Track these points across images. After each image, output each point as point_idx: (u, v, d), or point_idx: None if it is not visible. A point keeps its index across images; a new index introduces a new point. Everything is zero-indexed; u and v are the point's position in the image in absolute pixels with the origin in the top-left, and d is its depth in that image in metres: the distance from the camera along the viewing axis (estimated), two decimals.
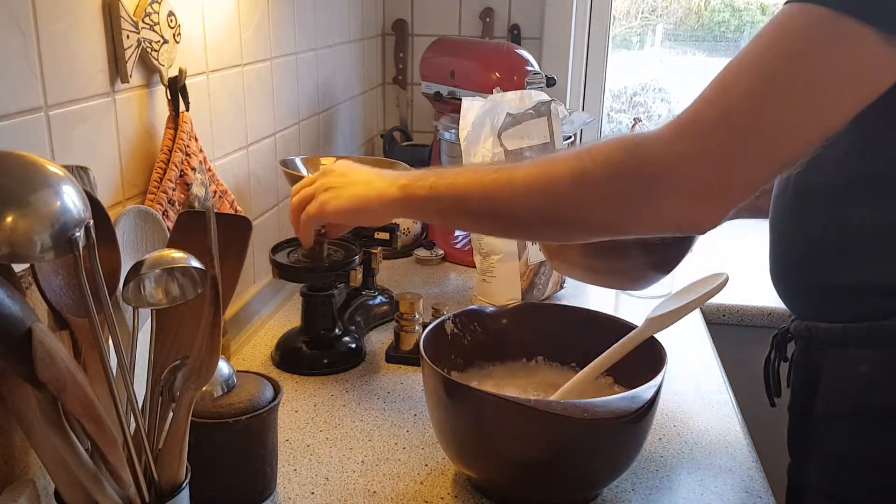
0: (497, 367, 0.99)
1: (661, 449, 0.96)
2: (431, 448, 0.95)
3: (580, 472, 0.82)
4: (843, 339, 0.82)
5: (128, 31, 0.87)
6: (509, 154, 1.27)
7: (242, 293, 1.26)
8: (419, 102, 1.96)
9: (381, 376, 1.13)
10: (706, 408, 1.06)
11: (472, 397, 0.80)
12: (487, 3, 1.91)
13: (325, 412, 1.03)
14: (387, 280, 1.45)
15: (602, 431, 0.78)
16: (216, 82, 1.13)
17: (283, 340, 1.18)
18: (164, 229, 0.86)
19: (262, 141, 1.30)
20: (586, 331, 0.97)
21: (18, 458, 0.68)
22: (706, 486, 0.89)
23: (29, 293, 0.63)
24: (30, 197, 0.51)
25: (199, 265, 0.61)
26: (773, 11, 2.06)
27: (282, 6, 1.33)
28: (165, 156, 0.95)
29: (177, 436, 0.63)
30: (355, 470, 0.91)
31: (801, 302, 0.89)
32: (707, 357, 1.21)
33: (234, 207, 1.11)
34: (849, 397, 0.83)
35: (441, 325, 0.94)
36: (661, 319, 0.89)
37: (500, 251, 1.30)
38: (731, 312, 1.44)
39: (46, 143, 0.78)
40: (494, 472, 0.84)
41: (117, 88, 0.89)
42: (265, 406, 0.82)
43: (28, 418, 0.56)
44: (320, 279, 1.13)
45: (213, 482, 0.79)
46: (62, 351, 0.55)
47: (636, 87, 2.21)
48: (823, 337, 0.85)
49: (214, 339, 0.60)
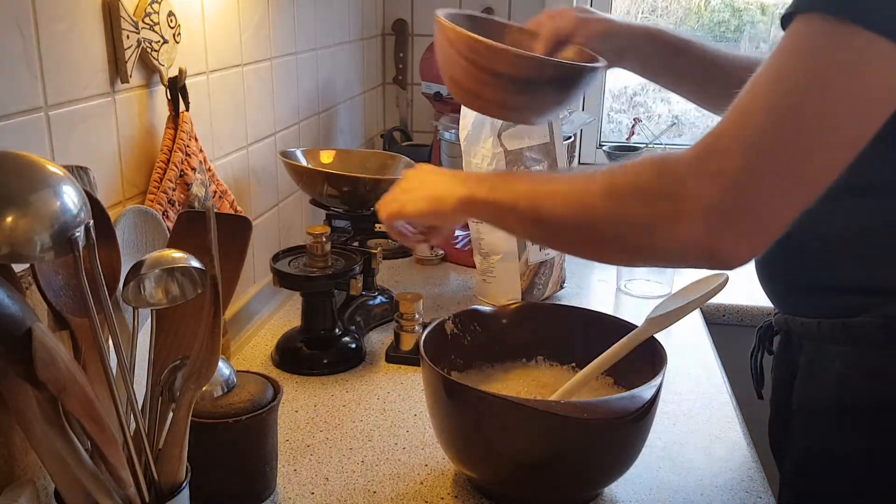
0: (497, 367, 0.99)
1: (661, 449, 0.96)
2: (431, 448, 0.95)
3: (580, 472, 0.82)
4: (818, 334, 0.83)
5: (128, 31, 0.87)
6: (509, 154, 1.27)
7: (242, 293, 1.26)
8: (419, 102, 1.96)
9: (381, 376, 1.13)
10: (706, 408, 1.06)
11: (472, 397, 0.80)
12: (487, 3, 1.91)
13: (325, 412, 1.03)
14: (387, 280, 1.45)
15: (602, 431, 0.78)
16: (216, 82, 1.13)
17: (283, 340, 1.18)
18: (164, 229, 0.86)
19: (262, 141, 1.31)
20: (586, 331, 0.97)
21: (18, 458, 0.68)
22: (706, 485, 0.89)
23: (29, 293, 0.63)
24: (30, 197, 0.51)
25: (199, 265, 0.61)
26: (773, 11, 2.07)
27: (282, 6, 1.33)
28: (165, 156, 0.95)
29: (177, 436, 0.63)
30: (355, 470, 0.91)
31: (782, 296, 0.90)
32: (707, 357, 1.21)
33: (234, 207, 1.11)
34: (821, 392, 0.84)
35: (441, 325, 0.94)
36: (661, 319, 0.89)
37: (500, 251, 1.30)
38: (731, 312, 1.44)
39: (46, 143, 0.78)
40: (494, 472, 0.84)
41: (117, 88, 0.89)
42: (265, 406, 0.82)
43: (28, 418, 0.56)
44: (321, 288, 1.13)
45: (213, 482, 0.79)
46: (62, 351, 0.55)
47: (636, 87, 2.20)
48: (801, 331, 0.87)
49: (214, 339, 0.60)
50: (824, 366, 0.83)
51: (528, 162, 1.30)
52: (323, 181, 1.19)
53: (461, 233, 1.61)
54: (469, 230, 1.35)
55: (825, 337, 0.82)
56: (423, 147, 1.82)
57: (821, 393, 0.84)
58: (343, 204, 1.23)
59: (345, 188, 1.19)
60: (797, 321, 0.87)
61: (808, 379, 0.86)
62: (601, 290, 1.47)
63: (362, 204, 1.24)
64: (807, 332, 0.85)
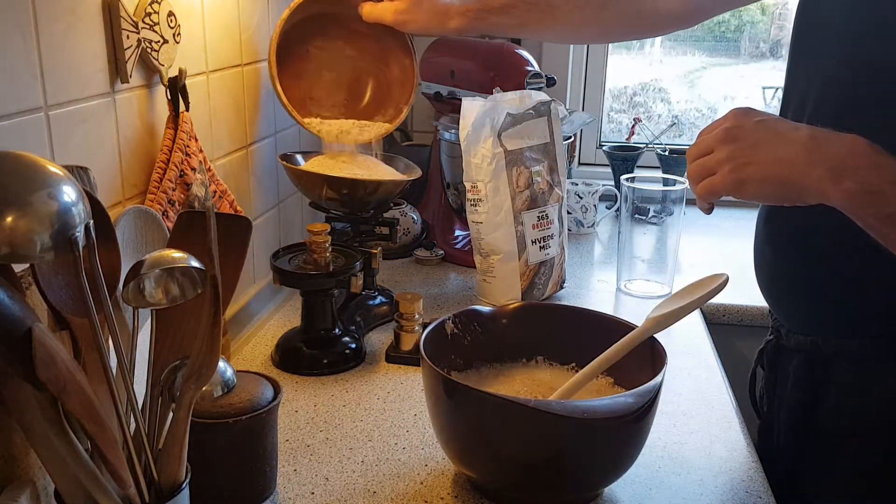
0: (497, 367, 0.99)
1: (661, 449, 0.96)
2: (431, 448, 0.95)
3: (580, 472, 0.82)
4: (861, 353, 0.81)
5: (128, 31, 0.87)
6: (509, 154, 1.27)
7: (242, 293, 1.26)
8: (419, 102, 1.95)
9: (381, 376, 1.13)
10: (706, 408, 1.06)
11: (472, 397, 0.80)
12: None
13: (325, 412, 1.03)
14: (387, 280, 1.45)
15: (602, 431, 0.78)
16: (216, 82, 1.13)
17: (282, 340, 1.18)
18: (164, 229, 0.86)
19: (262, 141, 1.31)
20: (586, 331, 0.97)
21: (18, 458, 0.68)
22: (706, 485, 0.89)
23: (29, 293, 0.63)
24: (30, 197, 0.51)
25: (199, 265, 0.61)
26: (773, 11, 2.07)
27: (282, 6, 1.33)
28: (165, 156, 0.95)
29: (177, 436, 0.63)
30: (355, 470, 0.91)
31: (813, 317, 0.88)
32: (707, 357, 1.21)
33: (234, 207, 1.11)
34: (873, 412, 0.82)
35: (441, 325, 0.94)
36: (661, 319, 0.89)
37: (500, 251, 1.30)
38: (731, 312, 1.44)
39: (46, 143, 0.78)
40: (494, 472, 0.84)
41: (117, 88, 0.89)
42: (265, 406, 0.82)
43: (28, 418, 0.56)
44: (321, 286, 1.13)
45: (213, 482, 0.79)
46: (62, 351, 0.55)
47: (636, 87, 2.21)
48: (834, 352, 0.84)
49: (214, 339, 0.60)
50: (869, 385, 0.81)
51: (528, 162, 1.30)
52: (322, 184, 1.19)
53: (461, 233, 1.61)
54: (469, 230, 1.35)
55: (869, 356, 0.81)
56: (423, 147, 1.82)
57: (867, 413, 0.82)
58: (343, 207, 1.23)
59: (344, 191, 1.19)
60: (830, 342, 0.84)
61: (848, 398, 0.84)
62: (601, 290, 1.47)
63: (362, 206, 1.24)
64: (843, 353, 0.83)
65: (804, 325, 0.89)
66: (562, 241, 1.38)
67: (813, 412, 0.88)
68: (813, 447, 0.89)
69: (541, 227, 1.32)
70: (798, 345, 0.90)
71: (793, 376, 0.93)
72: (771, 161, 0.69)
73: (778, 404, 0.96)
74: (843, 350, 0.83)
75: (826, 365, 0.86)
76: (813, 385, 0.89)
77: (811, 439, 0.89)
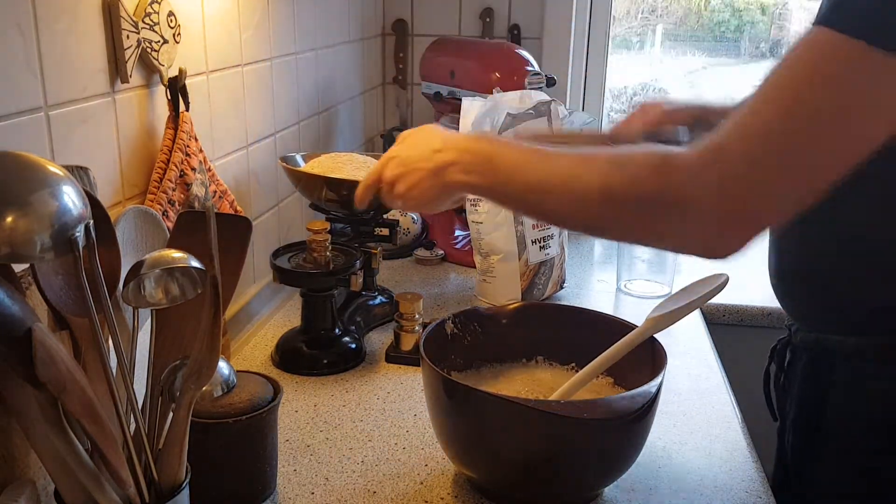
0: (497, 367, 0.99)
1: (661, 449, 0.96)
2: (431, 448, 0.95)
3: (580, 472, 0.82)
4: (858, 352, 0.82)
5: (128, 31, 0.87)
6: None
7: (242, 293, 1.26)
8: (419, 102, 1.95)
9: (381, 376, 1.13)
10: (706, 408, 1.06)
11: (472, 397, 0.80)
12: (487, 3, 1.91)
13: (325, 412, 1.03)
14: (387, 280, 1.45)
15: (602, 431, 0.78)
16: (216, 82, 1.13)
17: (283, 340, 1.18)
18: (164, 229, 0.86)
19: (262, 141, 1.30)
20: (586, 331, 0.97)
21: (18, 458, 0.68)
22: (706, 485, 0.89)
23: (29, 293, 0.63)
24: (30, 197, 0.51)
25: (199, 265, 0.61)
26: (773, 11, 2.07)
27: (282, 6, 1.33)
28: (165, 156, 0.95)
29: (177, 436, 0.63)
30: (355, 470, 0.91)
31: (813, 313, 0.88)
32: (707, 357, 1.21)
33: (234, 207, 1.11)
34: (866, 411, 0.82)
35: (441, 325, 0.94)
36: (661, 319, 0.89)
37: (501, 251, 1.30)
38: (731, 312, 1.44)
39: (46, 143, 0.78)
40: (494, 472, 0.84)
41: (117, 88, 0.89)
42: (265, 406, 0.82)
43: (28, 418, 0.56)
44: (321, 284, 1.13)
45: (213, 482, 0.79)
46: (62, 351, 0.55)
47: (636, 87, 2.20)
48: (835, 349, 0.85)
49: (214, 339, 0.60)
50: (867, 384, 0.82)
51: None
52: (322, 185, 1.19)
53: (461, 233, 1.61)
54: (469, 230, 1.35)
55: (866, 355, 0.81)
56: None
57: (865, 412, 0.83)
58: (342, 208, 1.23)
59: (344, 192, 1.19)
60: (832, 339, 0.85)
61: (849, 397, 0.85)
62: (601, 290, 1.47)
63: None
64: (843, 350, 0.84)
65: (809, 321, 0.90)
66: (562, 240, 1.38)
67: (818, 411, 0.88)
68: (818, 446, 0.89)
69: (541, 227, 1.32)
70: (805, 342, 0.91)
71: (800, 375, 0.93)
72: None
73: (789, 403, 0.97)
74: (844, 348, 0.84)
75: (830, 363, 0.86)
76: (818, 384, 0.89)
77: (817, 439, 0.89)
